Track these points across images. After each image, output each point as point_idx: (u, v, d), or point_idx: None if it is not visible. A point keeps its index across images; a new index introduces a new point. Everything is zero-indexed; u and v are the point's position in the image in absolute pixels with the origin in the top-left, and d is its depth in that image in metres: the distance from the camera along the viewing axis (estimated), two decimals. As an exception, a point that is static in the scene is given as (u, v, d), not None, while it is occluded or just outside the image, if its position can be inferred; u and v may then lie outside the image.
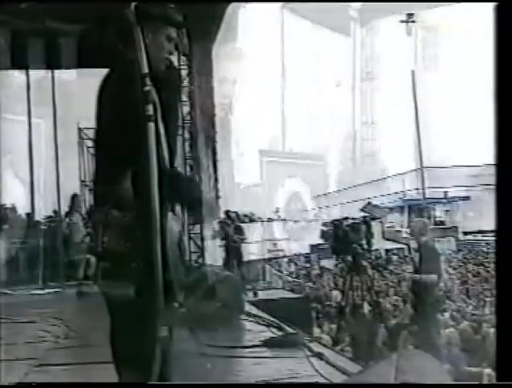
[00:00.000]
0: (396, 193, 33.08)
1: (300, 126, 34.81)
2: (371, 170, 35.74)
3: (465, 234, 30.68)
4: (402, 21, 33.06)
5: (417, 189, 32.07)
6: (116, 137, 2.20)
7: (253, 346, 4.97)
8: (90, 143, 17.62)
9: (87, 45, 9.62)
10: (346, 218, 7.77)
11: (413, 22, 32.96)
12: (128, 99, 2.06)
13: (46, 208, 14.38)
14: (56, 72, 12.35)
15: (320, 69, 34.98)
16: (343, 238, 7.40)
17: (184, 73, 11.22)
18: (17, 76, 14.99)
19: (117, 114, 2.19)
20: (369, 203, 8.13)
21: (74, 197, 9.71)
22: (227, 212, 11.16)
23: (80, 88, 15.64)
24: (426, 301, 6.68)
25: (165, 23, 2.31)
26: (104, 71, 2.39)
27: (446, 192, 32.55)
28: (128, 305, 2.18)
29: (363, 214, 7.43)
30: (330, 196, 39.17)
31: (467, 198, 31.94)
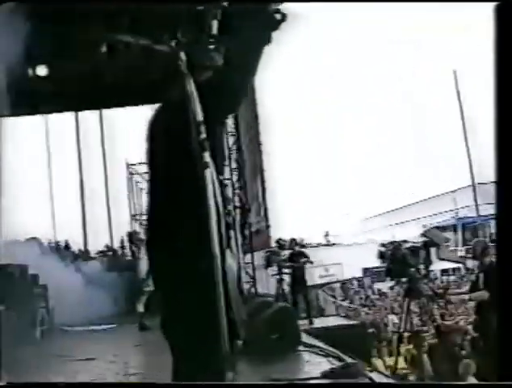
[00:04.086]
0: (447, 211, 32.27)
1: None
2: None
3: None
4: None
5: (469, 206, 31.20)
6: (172, 178, 2.25)
7: (313, 378, 4.88)
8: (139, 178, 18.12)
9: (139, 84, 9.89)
10: (405, 241, 7.63)
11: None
12: (183, 145, 2.09)
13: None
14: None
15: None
16: (401, 261, 7.24)
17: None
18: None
19: (174, 158, 2.23)
20: (431, 228, 7.94)
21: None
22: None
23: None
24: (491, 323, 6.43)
25: (207, 69, 2.37)
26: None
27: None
28: (191, 346, 2.19)
29: (422, 239, 7.26)
30: (381, 216, 38.61)
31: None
